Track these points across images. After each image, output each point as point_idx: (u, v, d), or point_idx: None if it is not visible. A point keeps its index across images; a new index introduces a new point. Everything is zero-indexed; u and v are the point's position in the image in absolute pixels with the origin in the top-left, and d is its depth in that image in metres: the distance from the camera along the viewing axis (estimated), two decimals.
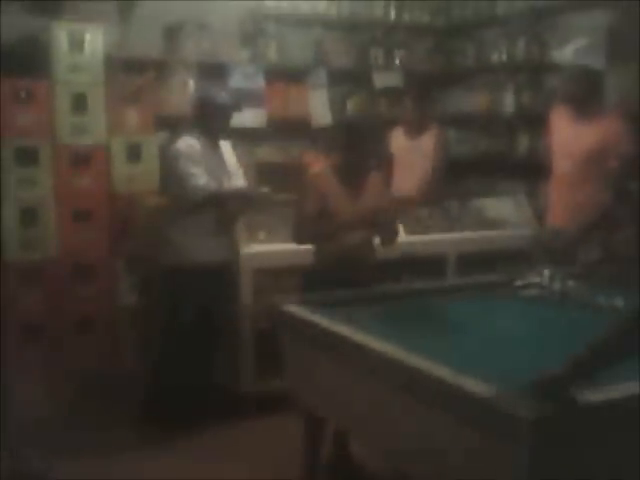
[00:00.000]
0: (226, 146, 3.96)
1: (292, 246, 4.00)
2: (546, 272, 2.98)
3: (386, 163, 4.49)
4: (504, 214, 4.60)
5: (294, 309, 2.68)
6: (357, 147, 3.35)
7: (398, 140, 4.84)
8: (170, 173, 3.78)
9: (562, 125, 3.99)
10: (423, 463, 2.10)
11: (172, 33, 4.85)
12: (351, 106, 5.35)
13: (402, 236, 4.25)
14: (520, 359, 2.25)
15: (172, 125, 4.35)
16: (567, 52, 3.99)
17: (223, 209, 3.71)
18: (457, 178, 5.16)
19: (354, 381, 2.32)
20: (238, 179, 3.92)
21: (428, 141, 4.77)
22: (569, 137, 3.91)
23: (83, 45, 4.16)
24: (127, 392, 3.88)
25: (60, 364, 4.00)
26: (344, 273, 3.17)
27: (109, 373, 4.09)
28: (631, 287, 2.90)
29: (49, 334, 4.03)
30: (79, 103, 4.20)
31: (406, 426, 2.13)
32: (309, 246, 3.57)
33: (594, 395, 1.79)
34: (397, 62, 5.50)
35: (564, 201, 3.85)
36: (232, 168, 3.92)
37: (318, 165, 3.64)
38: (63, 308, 4.14)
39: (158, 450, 3.48)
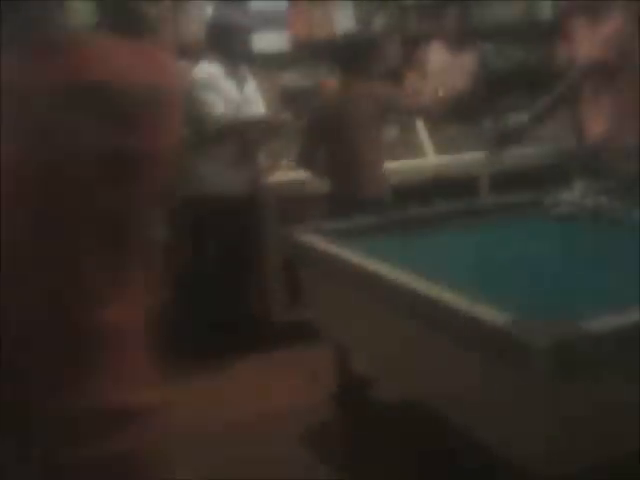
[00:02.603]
0: (246, 71, 3.81)
1: None
2: (578, 188, 2.81)
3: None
4: (542, 129, 4.38)
5: (309, 239, 2.58)
6: (353, 66, 3.33)
7: (437, 54, 4.66)
8: (188, 100, 3.66)
9: (581, 31, 3.77)
10: (441, 396, 2.02)
11: None
12: (379, 22, 5.11)
13: (432, 156, 4.11)
14: (545, 283, 2.14)
15: (193, 52, 4.20)
16: None
17: (243, 138, 3.60)
18: (493, 93, 4.92)
19: (370, 312, 2.23)
20: (259, 106, 3.79)
21: (470, 57, 4.58)
22: (589, 42, 3.69)
23: None
24: (158, 328, 3.88)
25: None
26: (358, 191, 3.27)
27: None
28: None
29: None
30: None
31: (423, 358, 2.04)
32: None
33: (604, 323, 1.67)
34: None
35: (601, 111, 3.64)
36: (253, 95, 3.79)
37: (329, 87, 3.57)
38: None
39: (190, 384, 3.48)
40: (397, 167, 3.81)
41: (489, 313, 1.81)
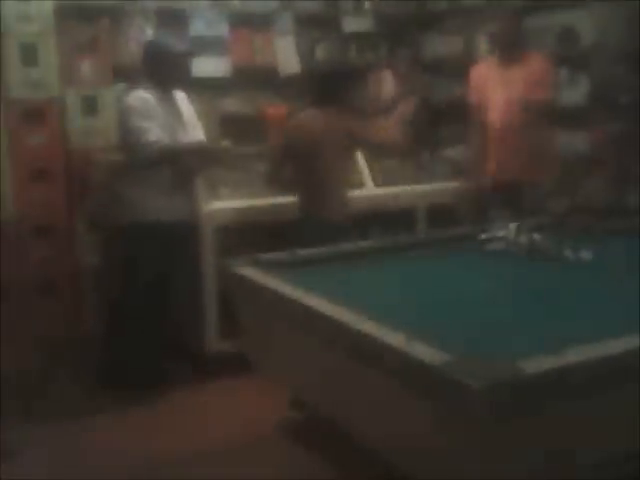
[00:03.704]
0: (182, 97, 3.76)
1: (257, 202, 3.88)
2: (512, 225, 2.84)
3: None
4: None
5: (245, 271, 2.54)
6: (330, 96, 3.40)
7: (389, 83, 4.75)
8: (123, 128, 3.59)
9: (492, 75, 3.89)
10: (376, 433, 2.00)
11: None
12: (320, 53, 5.13)
13: (370, 188, 4.12)
14: (482, 321, 2.14)
15: (130, 76, 4.14)
16: None
17: (179, 165, 3.53)
18: (431, 126, 4.98)
19: (303, 346, 2.20)
20: (196, 132, 3.73)
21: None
22: (500, 86, 3.82)
23: None
24: (91, 356, 3.78)
25: (23, 329, 3.89)
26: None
27: (73, 336, 3.99)
28: (599, 239, 2.79)
29: (10, 298, 3.91)
30: (29, 54, 4.01)
31: (357, 393, 2.02)
32: (276, 200, 3.53)
33: (542, 363, 1.68)
34: (367, 6, 5.26)
35: (507, 152, 3.75)
36: (189, 121, 3.73)
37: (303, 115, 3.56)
38: (23, 271, 4.01)
39: (124, 414, 3.38)
40: None
41: (424, 351, 1.79)
